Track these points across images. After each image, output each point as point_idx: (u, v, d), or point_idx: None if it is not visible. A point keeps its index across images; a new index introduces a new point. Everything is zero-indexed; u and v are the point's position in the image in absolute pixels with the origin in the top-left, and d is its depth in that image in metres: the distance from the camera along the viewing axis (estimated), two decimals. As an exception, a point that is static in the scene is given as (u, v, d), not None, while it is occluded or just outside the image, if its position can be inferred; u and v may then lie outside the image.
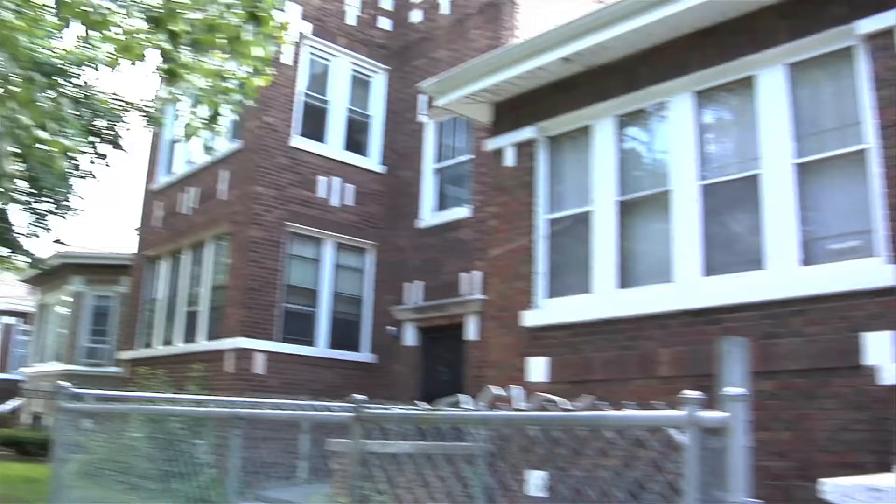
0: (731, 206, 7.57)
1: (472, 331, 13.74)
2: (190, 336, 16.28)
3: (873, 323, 6.37)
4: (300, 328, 15.46)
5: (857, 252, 6.77)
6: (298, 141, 15.85)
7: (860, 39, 6.93)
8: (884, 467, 5.32)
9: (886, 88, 6.69)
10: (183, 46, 7.11)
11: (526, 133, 9.21)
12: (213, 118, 7.83)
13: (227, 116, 8.13)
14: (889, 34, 6.76)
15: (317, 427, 9.58)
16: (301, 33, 15.89)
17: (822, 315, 6.66)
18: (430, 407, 4.60)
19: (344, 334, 16.02)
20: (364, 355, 16.09)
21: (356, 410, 3.78)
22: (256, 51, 7.40)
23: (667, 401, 7.01)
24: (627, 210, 8.35)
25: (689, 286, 7.54)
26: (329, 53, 16.65)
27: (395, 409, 4.61)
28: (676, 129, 8.03)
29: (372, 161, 16.91)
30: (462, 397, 4.85)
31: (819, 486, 4.35)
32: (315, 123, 16.30)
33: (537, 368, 8.50)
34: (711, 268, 7.49)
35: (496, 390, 4.84)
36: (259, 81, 7.88)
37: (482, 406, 4.75)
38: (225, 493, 5.62)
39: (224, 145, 15.89)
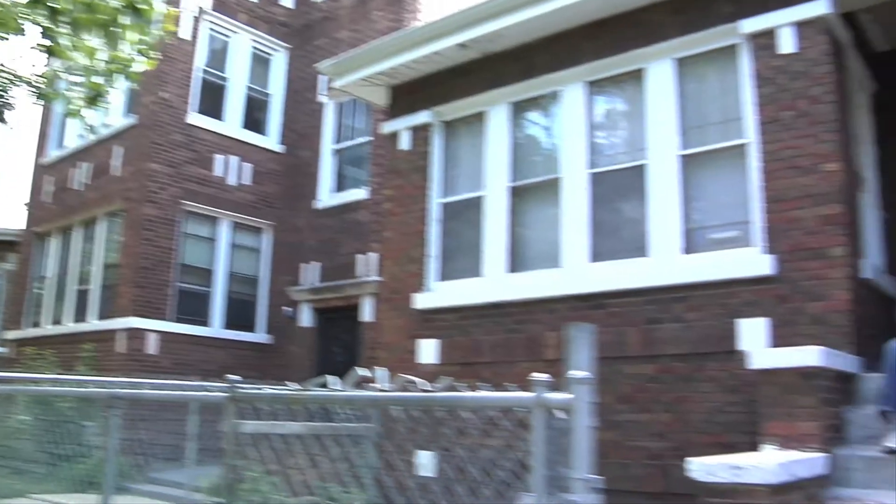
0: (618, 194, 7.76)
1: (367, 312, 13.76)
2: (80, 315, 15.89)
3: (748, 310, 6.66)
4: (194, 308, 15.25)
5: (736, 242, 7.04)
6: (195, 118, 15.58)
7: (744, 38, 7.19)
8: (753, 447, 5.55)
9: (767, 86, 6.97)
10: (63, 23, 6.93)
11: (422, 117, 9.26)
12: (95, 98, 7.66)
13: (110, 97, 7.96)
14: (771, 34, 7.03)
15: (207, 408, 9.48)
16: (200, 8, 15.62)
17: (702, 301, 6.92)
18: (300, 387, 4.63)
19: (239, 315, 15.87)
20: (259, 336, 15.98)
21: (230, 391, 3.80)
22: (134, 35, 7.27)
23: (554, 383, 7.22)
24: (519, 196, 8.48)
25: (577, 272, 7.72)
26: (229, 29, 16.38)
27: (267, 390, 4.63)
28: (568, 117, 8.18)
29: (271, 140, 16.73)
30: (330, 378, 4.91)
31: (687, 465, 4.56)
32: (213, 100, 16.03)
33: (428, 350, 8.60)
34: (598, 254, 7.69)
35: (362, 371, 4.92)
36: (141, 66, 7.74)
37: (349, 387, 4.81)
38: (104, 473, 5.55)
39: (118, 120, 15.53)
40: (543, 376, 2.97)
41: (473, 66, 8.96)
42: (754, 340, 6.51)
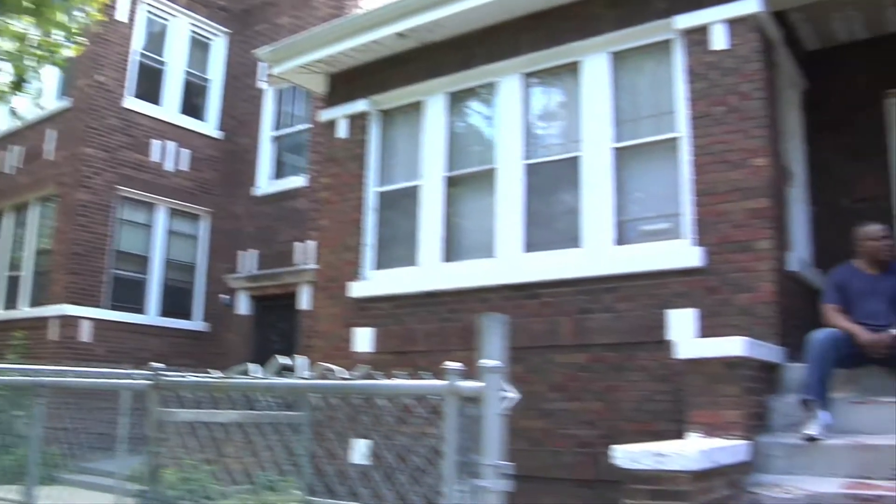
0: (553, 185, 7.83)
1: (305, 300, 13.70)
2: (11, 302, 15.58)
3: (677, 301, 6.79)
4: (130, 295, 15.02)
5: (667, 234, 7.17)
6: (132, 102, 15.30)
7: (678, 34, 7.30)
8: (680, 435, 5.66)
9: (699, 81, 7.09)
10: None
11: (359, 106, 9.24)
12: (20, 83, 7.52)
13: (42, 80, 7.84)
14: (704, 31, 7.15)
15: (139, 397, 9.37)
16: (138, -11, 15.39)
17: (633, 292, 7.03)
18: (222, 375, 4.61)
19: (176, 302, 15.69)
20: (196, 324, 15.83)
21: (153, 378, 3.78)
22: (63, 18, 7.16)
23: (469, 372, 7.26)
24: (455, 186, 8.52)
25: (511, 262, 7.78)
26: (167, 13, 16.12)
27: (190, 378, 4.61)
28: (505, 108, 8.23)
29: (209, 126, 16.53)
30: (251, 366, 4.90)
31: (612, 453, 4.64)
32: (150, 85, 15.77)
33: (363, 339, 8.61)
34: (532, 244, 7.76)
35: (283, 360, 4.92)
36: (69, 52, 7.63)
37: (269, 375, 4.80)
38: (28, 463, 5.48)
39: (51, 103, 15.21)
40: (456, 365, 3.02)
41: (412, 56, 8.96)
42: (683, 331, 6.64)
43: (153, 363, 3.91)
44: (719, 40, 7.05)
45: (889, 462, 5.14)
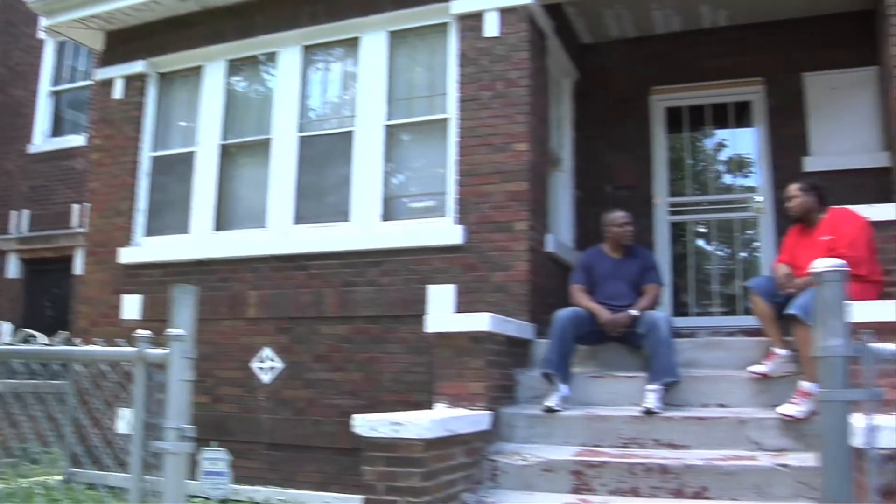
0: (326, 159, 7.89)
1: (80, 265, 13.17)
2: None
3: (438, 276, 7.03)
4: None
5: (432, 212, 7.39)
6: None
7: (454, 18, 7.49)
8: (431, 405, 5.89)
9: (470, 66, 7.31)
10: None
11: (137, 67, 8.95)
12: None
13: None
14: (478, 17, 7.37)
15: None
16: None
17: (396, 267, 7.21)
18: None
19: (-65, 263, 14.73)
20: (-42, 287, 14.93)
21: None
22: None
23: (252, 341, 7.30)
24: (231, 155, 8.44)
25: (281, 233, 7.80)
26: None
27: None
28: (283, 80, 8.20)
29: (-21, 75, 15.56)
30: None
31: (352, 422, 4.79)
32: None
33: (131, 306, 8.42)
34: (303, 216, 7.81)
35: None
36: None
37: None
38: None
39: None
40: (146, 332, 3.08)
41: (193, 19, 8.76)
42: (442, 306, 6.89)
43: None
44: (491, 28, 7.30)
45: (618, 431, 5.56)
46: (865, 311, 5.01)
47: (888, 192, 7.14)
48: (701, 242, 9.50)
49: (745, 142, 9.55)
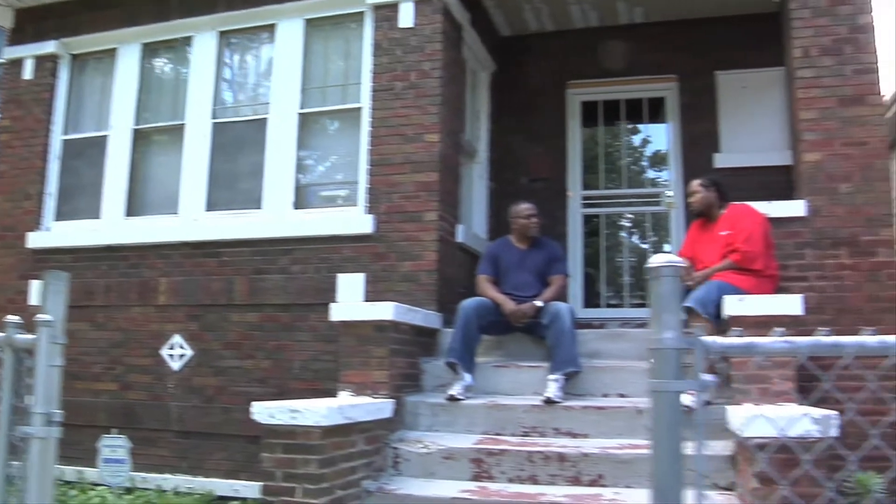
0: (239, 146, 7.84)
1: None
2: None
3: (348, 265, 7.06)
4: None
5: (344, 201, 7.43)
6: None
7: (370, 8, 7.51)
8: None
9: (384, 56, 7.35)
10: None
11: (48, 47, 8.73)
12: None
13: None
14: (394, 7, 7.42)
15: None
16: None
17: (307, 255, 7.22)
18: None
19: None
20: None
21: None
22: None
23: (162, 328, 7.24)
24: (144, 139, 8.33)
25: (192, 219, 7.75)
26: None
27: None
28: (199, 65, 8.11)
29: None
30: None
31: (251, 409, 4.80)
32: None
33: (38, 292, 8.28)
34: (215, 203, 7.75)
35: None
36: None
37: None
38: None
39: None
40: (16, 318, 3.06)
41: (108, 1, 8.62)
42: (352, 294, 6.93)
43: None
44: (406, 18, 7.33)
45: (519, 420, 5.66)
46: (758, 304, 5.21)
47: (792, 190, 7.34)
48: (614, 235, 9.67)
49: (658, 137, 9.75)
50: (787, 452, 3.85)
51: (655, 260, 2.00)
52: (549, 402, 5.62)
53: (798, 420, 3.84)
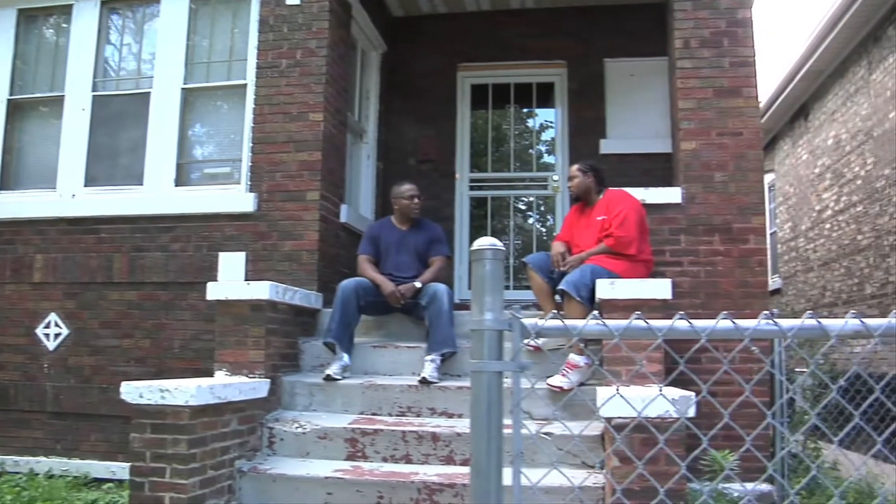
0: (121, 121, 7.65)
1: None
2: None
3: (229, 244, 7.00)
4: None
5: (227, 179, 7.33)
6: None
7: (256, -19, 7.41)
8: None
9: (269, 32, 7.27)
10: None
11: None
12: None
13: None
14: (279, -19, 7.32)
15: None
16: None
17: (188, 233, 7.12)
18: None
19: None
20: None
21: None
22: None
23: (38, 307, 7.04)
24: (21, 111, 8.03)
25: (71, 195, 7.53)
26: None
27: None
28: (79, 35, 7.84)
29: None
30: None
31: (121, 388, 4.71)
32: None
33: None
34: (94, 179, 7.55)
35: None
36: None
37: None
38: None
39: None
40: None
41: (-17, -36, 8.29)
42: (233, 273, 6.86)
43: None
44: (294, -5, 7.25)
45: (395, 399, 5.70)
46: (629, 288, 5.34)
47: (673, 177, 7.54)
48: (503, 218, 9.78)
49: (547, 122, 9.88)
50: (647, 432, 3.99)
51: (479, 243, 2.04)
52: (425, 382, 5.67)
53: (655, 400, 3.95)
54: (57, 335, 7.29)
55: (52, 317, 7.31)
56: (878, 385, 2.12)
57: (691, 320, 1.98)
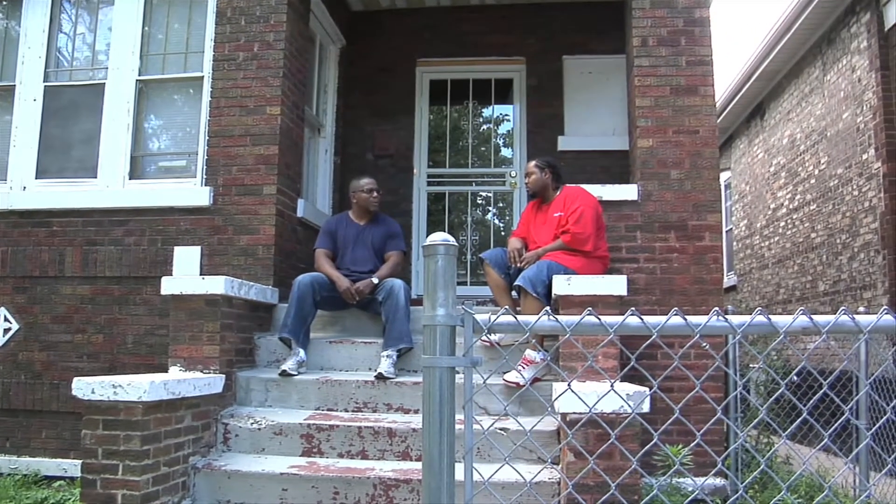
0: (74, 112, 7.53)
1: None
2: None
3: (184, 238, 6.91)
4: None
5: (182, 172, 7.24)
6: None
7: (214, -26, 7.32)
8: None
9: (226, 25, 7.19)
10: None
11: None
12: None
13: None
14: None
15: None
16: None
17: (142, 227, 7.02)
18: None
19: None
20: None
21: None
22: None
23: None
24: (-31, 101, 7.91)
25: (21, 187, 7.39)
26: None
27: None
28: (30, 24, 7.68)
29: None
30: None
31: (73, 384, 4.64)
32: None
33: None
34: (46, 171, 7.42)
35: None
36: None
37: None
38: None
39: None
40: None
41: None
42: (188, 267, 6.77)
43: None
44: (253, -13, 7.18)
45: (352, 395, 5.68)
46: (585, 284, 5.36)
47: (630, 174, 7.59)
48: (460, 214, 9.77)
49: (506, 118, 9.89)
50: (602, 427, 4.01)
51: (431, 238, 2.03)
52: (381, 377, 5.65)
53: (609, 396, 3.96)
54: (7, 330, 7.17)
55: (2, 311, 7.18)
56: (825, 382, 2.14)
57: (644, 316, 1.98)
